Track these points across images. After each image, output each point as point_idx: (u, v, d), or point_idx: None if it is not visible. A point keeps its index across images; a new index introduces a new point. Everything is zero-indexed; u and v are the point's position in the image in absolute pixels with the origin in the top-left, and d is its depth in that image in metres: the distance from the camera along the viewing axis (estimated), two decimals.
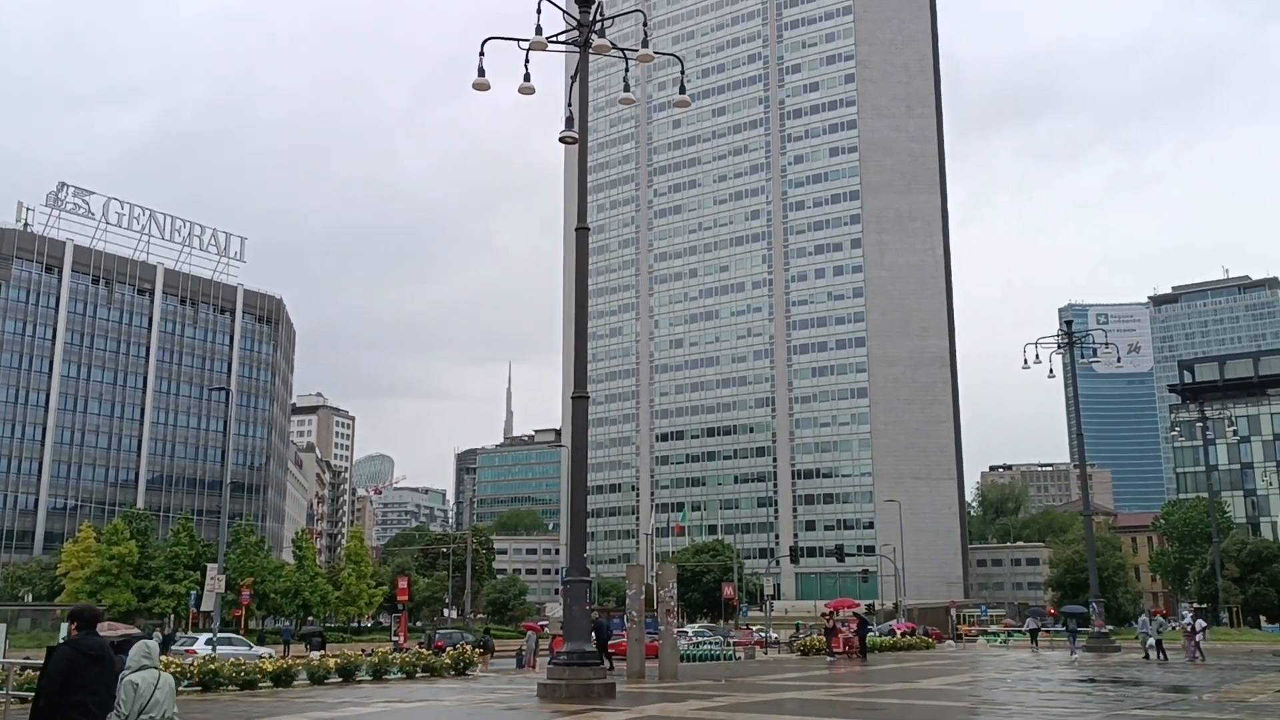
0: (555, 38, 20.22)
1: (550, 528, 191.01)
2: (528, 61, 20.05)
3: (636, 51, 20.96)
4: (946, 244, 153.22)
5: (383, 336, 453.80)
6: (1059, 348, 46.86)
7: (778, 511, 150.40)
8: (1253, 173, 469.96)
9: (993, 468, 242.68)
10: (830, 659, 37.66)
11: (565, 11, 20.67)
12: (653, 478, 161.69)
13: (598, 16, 20.36)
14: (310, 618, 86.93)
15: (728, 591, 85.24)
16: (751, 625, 66.52)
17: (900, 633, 57.28)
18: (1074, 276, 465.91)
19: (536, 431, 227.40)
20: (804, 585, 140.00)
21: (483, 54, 19.89)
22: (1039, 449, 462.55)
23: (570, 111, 20.74)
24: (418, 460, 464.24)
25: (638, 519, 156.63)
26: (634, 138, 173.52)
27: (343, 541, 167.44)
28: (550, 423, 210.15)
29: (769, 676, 27.31)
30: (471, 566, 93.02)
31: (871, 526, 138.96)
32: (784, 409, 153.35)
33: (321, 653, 38.65)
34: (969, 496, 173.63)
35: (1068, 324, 52.20)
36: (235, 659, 26.04)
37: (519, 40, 19.80)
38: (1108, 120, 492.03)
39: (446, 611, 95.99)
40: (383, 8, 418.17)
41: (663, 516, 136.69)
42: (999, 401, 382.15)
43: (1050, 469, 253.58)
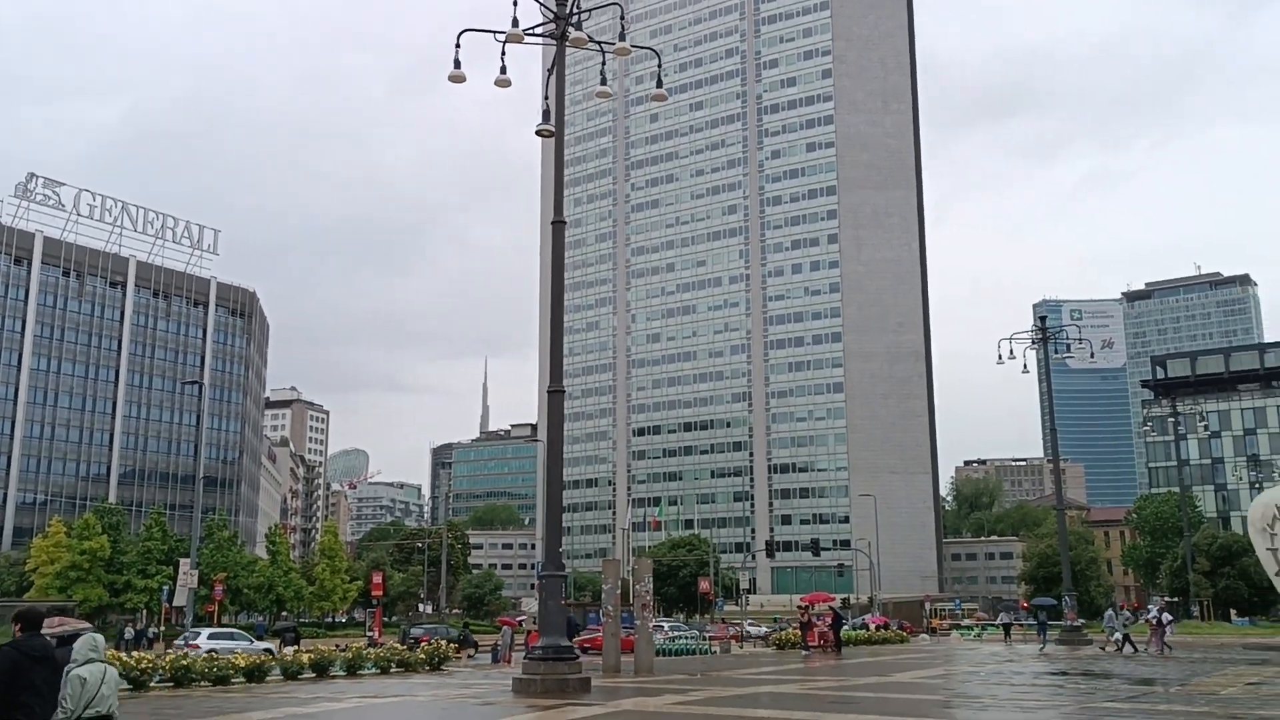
0: (532, 30, 20.09)
1: (526, 522, 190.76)
2: (504, 54, 19.96)
3: (614, 45, 20.88)
4: (922, 240, 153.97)
5: (358, 331, 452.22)
6: (1033, 343, 47.08)
7: (754, 506, 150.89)
8: (1225, 171, 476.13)
9: (967, 462, 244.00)
10: (805, 653, 37.77)
11: (542, 4, 20.55)
12: (629, 472, 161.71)
13: (574, 9, 20.25)
14: (284, 613, 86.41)
15: (704, 586, 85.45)
16: (728, 620, 66.69)
17: (875, 627, 57.46)
18: (1048, 273, 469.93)
19: (513, 426, 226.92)
20: (780, 579, 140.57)
21: (459, 47, 19.78)
22: (1013, 444, 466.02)
23: (547, 105, 20.64)
24: (393, 455, 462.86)
25: (614, 514, 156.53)
26: (611, 132, 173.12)
27: (317, 536, 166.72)
28: (527, 417, 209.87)
29: (744, 670, 27.36)
30: (447, 561, 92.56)
31: (847, 521, 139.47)
32: (760, 404, 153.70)
33: (295, 648, 38.40)
34: (944, 491, 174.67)
35: (1042, 319, 52.61)
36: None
37: (495, 33, 19.69)
38: (1082, 118, 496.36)
39: (422, 606, 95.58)
40: (359, 1, 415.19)
41: (639, 511, 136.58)
42: (974, 397, 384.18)
43: (1024, 464, 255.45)
